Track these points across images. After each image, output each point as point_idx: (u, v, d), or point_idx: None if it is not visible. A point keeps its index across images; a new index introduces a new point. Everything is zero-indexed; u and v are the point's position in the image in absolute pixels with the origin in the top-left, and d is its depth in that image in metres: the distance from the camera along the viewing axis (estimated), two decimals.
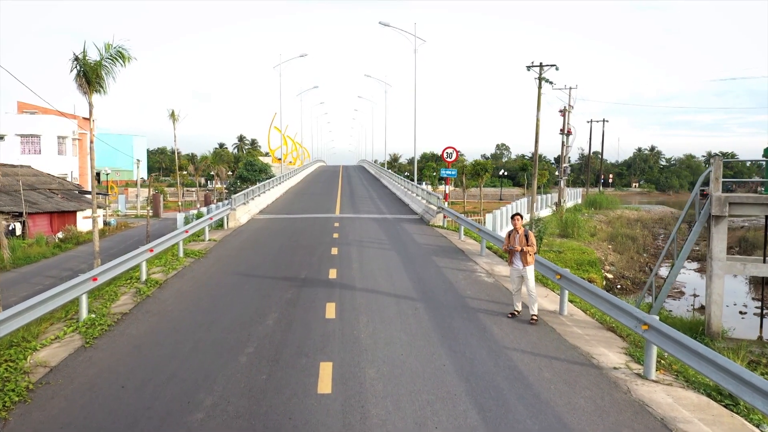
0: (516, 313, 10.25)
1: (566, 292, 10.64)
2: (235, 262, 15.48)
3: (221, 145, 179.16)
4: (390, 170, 56.30)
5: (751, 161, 69.80)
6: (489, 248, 16.93)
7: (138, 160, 42.31)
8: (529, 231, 10.07)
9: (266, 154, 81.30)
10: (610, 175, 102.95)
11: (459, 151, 24.70)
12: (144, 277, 12.99)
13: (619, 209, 72.10)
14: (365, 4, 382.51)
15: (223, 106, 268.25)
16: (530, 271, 9.95)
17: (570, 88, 49.41)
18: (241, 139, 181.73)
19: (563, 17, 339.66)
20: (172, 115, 39.93)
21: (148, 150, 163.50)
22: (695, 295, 27.76)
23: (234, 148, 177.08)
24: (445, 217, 22.23)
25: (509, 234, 10.11)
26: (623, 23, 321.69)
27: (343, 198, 35.37)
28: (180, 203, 44.63)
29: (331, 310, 10.47)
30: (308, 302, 11.08)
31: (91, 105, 19.84)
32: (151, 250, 13.28)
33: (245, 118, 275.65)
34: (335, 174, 65.67)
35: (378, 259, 15.49)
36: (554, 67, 39.21)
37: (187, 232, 16.32)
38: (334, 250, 16.63)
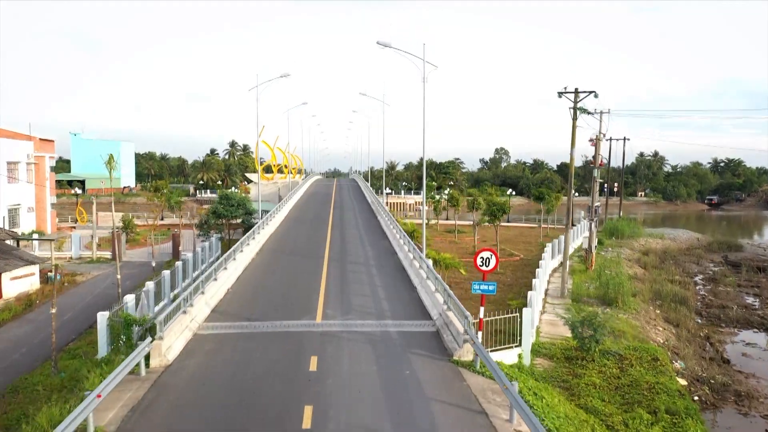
0: None
1: None
2: None
3: (212, 151, 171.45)
4: (390, 189, 48.94)
5: None
6: None
7: (109, 163, 33.94)
8: None
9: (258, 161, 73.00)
10: (615, 184, 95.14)
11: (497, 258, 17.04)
12: None
13: (643, 238, 64.73)
14: (363, 4, 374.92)
15: (221, 108, 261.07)
16: None
17: (601, 113, 41.86)
18: (232, 144, 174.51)
19: (562, 18, 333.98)
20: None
21: (136, 155, 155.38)
22: None
23: (225, 154, 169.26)
24: (476, 355, 14.50)
25: None
26: (620, 26, 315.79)
27: (329, 279, 25.55)
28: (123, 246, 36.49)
29: None
30: None
31: None
32: None
33: (242, 121, 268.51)
34: (326, 201, 58.21)
35: None
36: (593, 94, 31.90)
37: None
38: None
